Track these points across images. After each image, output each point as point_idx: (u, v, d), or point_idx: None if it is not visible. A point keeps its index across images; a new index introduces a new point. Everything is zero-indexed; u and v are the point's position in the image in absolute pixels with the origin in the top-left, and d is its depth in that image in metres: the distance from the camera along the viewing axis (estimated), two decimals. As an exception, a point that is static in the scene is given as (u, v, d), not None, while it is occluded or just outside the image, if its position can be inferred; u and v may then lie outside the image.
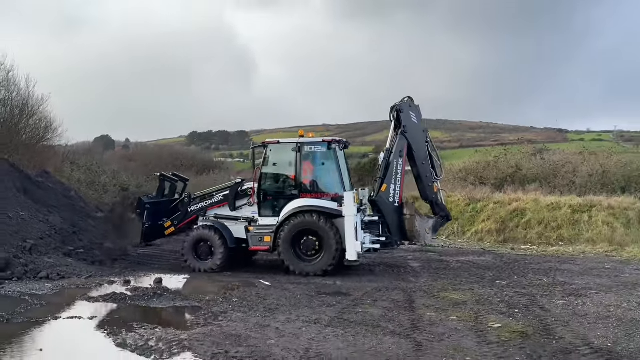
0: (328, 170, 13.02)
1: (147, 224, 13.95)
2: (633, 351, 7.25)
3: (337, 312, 9.20)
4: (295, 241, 12.54)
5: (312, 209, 12.46)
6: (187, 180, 15.74)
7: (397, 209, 13.00)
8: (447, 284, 11.79)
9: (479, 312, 9.36)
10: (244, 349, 7.15)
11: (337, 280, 12.20)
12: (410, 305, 9.89)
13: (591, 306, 9.65)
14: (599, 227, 19.31)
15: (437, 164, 13.80)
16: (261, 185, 13.12)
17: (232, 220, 13.38)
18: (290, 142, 13.10)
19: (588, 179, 24.00)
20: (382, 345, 7.48)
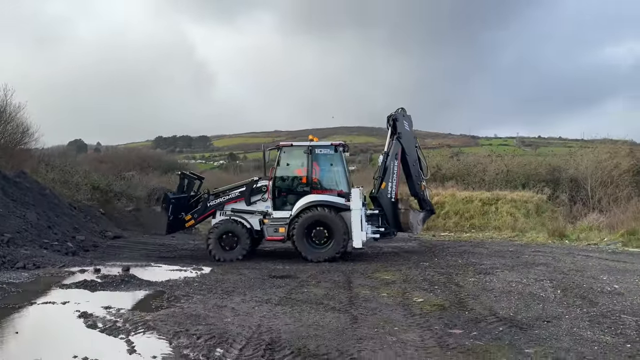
0: (335, 170, 13.06)
1: (170, 217, 13.61)
2: (530, 318, 7.50)
3: (286, 293, 9.17)
4: (307, 231, 12.49)
5: (323, 204, 12.47)
6: (203, 178, 15.49)
7: (394, 204, 13.08)
8: (379, 266, 11.89)
9: (405, 289, 9.48)
10: (203, 327, 7.02)
11: (286, 265, 12.17)
12: (349, 284, 9.93)
13: (497, 282, 9.89)
14: (504, 217, 19.96)
15: (424, 165, 13.95)
16: (275, 182, 13.05)
17: (248, 214, 13.19)
18: (302, 145, 13.12)
19: (495, 177, 24.72)
20: (324, 319, 7.48)
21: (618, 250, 14.47)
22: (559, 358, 5.88)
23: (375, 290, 9.37)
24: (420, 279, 10.32)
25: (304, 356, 5.95)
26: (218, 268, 11.76)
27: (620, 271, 10.92)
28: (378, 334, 6.79)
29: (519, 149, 64.78)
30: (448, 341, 6.48)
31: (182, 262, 12.65)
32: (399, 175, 13.24)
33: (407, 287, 9.60)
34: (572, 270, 10.98)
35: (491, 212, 20.50)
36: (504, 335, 6.72)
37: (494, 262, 12.15)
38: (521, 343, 6.42)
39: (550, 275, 10.43)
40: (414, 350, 6.18)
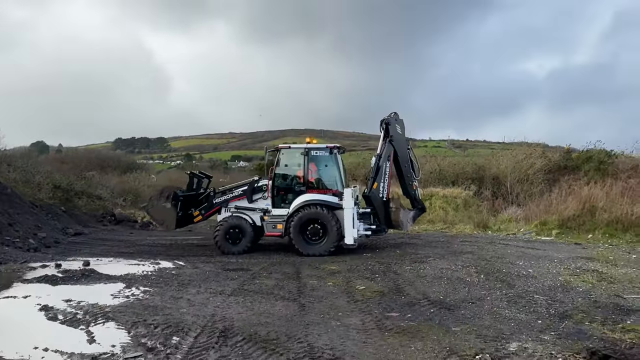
0: (330, 170, 12.85)
1: (180, 213, 13.47)
2: (457, 300, 7.75)
3: (239, 284, 9.08)
4: (303, 228, 12.29)
5: (318, 202, 12.28)
6: (211, 177, 15.30)
7: (386, 203, 12.87)
8: (326, 258, 11.91)
9: (349, 278, 9.57)
10: (160, 317, 6.88)
11: (240, 259, 12.04)
12: (298, 275, 9.94)
13: (429, 270, 10.13)
14: (436, 211, 20.44)
15: (416, 166, 13.68)
16: (275, 182, 12.87)
17: (250, 211, 13.03)
18: (299, 147, 12.91)
19: (429, 175, 25.24)
20: (274, 308, 7.47)
21: (532, 239, 15.12)
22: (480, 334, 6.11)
23: (322, 280, 9.41)
24: (363, 269, 10.44)
25: (255, 342, 5.93)
26: (175, 262, 11.51)
27: (534, 257, 11.42)
28: (324, 319, 6.85)
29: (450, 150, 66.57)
30: (386, 323, 6.61)
31: (140, 257, 12.31)
32: (390, 176, 13.06)
33: (351, 277, 9.70)
34: (493, 257, 11.40)
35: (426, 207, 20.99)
36: (435, 316, 6.92)
37: (427, 252, 12.42)
38: (449, 322, 6.64)
39: (475, 262, 10.79)
40: (356, 332, 6.27)
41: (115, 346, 5.83)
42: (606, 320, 6.66)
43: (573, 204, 16.45)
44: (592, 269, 10.04)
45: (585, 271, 9.81)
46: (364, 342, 5.92)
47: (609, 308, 7.26)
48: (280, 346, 5.78)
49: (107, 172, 32.17)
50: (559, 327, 6.39)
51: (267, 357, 5.49)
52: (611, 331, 6.22)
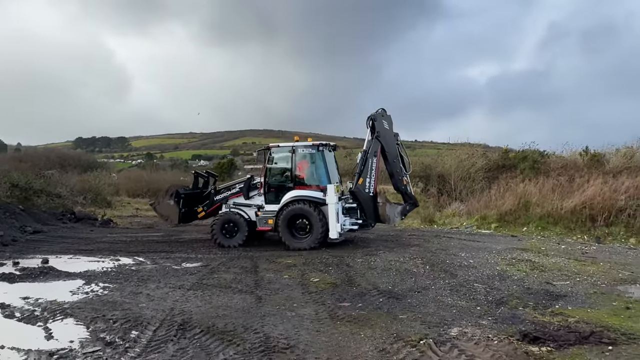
0: (317, 167, 12.66)
1: (183, 209, 13.65)
2: (405, 290, 7.92)
3: (198, 279, 8.95)
4: (291, 223, 12.20)
5: (303, 198, 12.17)
6: (217, 176, 15.26)
7: (372, 198, 12.61)
8: (283, 253, 11.86)
9: (304, 271, 9.59)
10: (119, 312, 6.70)
11: (199, 254, 11.85)
12: (255, 269, 9.87)
13: (380, 262, 10.27)
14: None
15: (406, 161, 13.40)
16: (266, 179, 12.82)
17: (247, 207, 13.07)
18: (287, 145, 12.80)
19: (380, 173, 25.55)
20: (232, 301, 7.42)
21: (473, 232, 15.62)
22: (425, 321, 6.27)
23: (278, 273, 9.40)
24: (318, 262, 10.47)
25: (213, 333, 5.87)
26: (135, 259, 11.22)
27: (474, 249, 11.80)
28: (279, 310, 6.85)
29: (400, 150, 67.57)
30: (338, 313, 6.68)
31: (100, 254, 11.92)
32: (377, 171, 12.79)
33: (306, 269, 9.72)
34: (438, 250, 11.70)
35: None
36: (383, 305, 7.04)
37: (378, 245, 12.60)
38: (397, 310, 6.78)
39: (422, 254, 11.03)
40: (310, 322, 6.31)
41: (73, 342, 5.64)
42: (537, 305, 6.97)
43: (510, 199, 17.10)
44: (526, 258, 10.47)
45: (520, 261, 10.22)
46: (317, 331, 5.97)
47: (540, 294, 7.60)
48: (237, 337, 5.75)
49: (67, 170, 30.88)
50: (496, 313, 6.64)
51: (224, 348, 5.45)
52: (541, 315, 6.52)
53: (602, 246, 12.91)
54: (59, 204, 21.48)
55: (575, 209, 15.15)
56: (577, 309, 6.78)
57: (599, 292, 7.80)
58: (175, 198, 13.80)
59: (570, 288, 8.00)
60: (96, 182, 27.21)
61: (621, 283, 8.47)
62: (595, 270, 9.40)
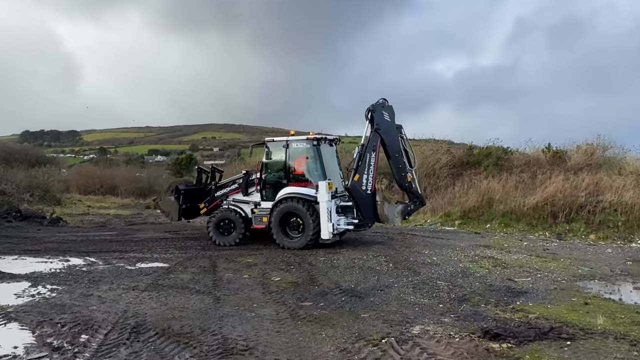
0: (312, 163, 12.31)
1: (183, 206, 13.66)
2: (367, 288, 8.01)
3: (153, 279, 8.78)
4: (284, 222, 12.00)
5: (295, 196, 11.91)
6: (222, 171, 15.05)
7: (370, 196, 12.18)
8: (244, 251, 11.81)
9: (265, 270, 9.56)
10: (68, 316, 6.49)
11: (154, 253, 11.64)
12: (214, 269, 9.78)
13: (343, 260, 10.36)
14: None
15: (411, 156, 12.97)
16: (262, 175, 12.65)
17: (245, 204, 12.94)
18: (281, 140, 12.52)
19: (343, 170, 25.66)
20: (189, 302, 7.32)
21: (437, 229, 15.95)
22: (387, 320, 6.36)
23: (238, 273, 9.34)
24: (279, 261, 10.47)
25: (168, 336, 5.78)
26: (85, 259, 10.91)
27: (438, 246, 12.06)
28: (239, 311, 6.81)
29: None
30: (299, 313, 6.70)
31: (48, 254, 11.52)
32: (376, 167, 12.38)
33: (267, 269, 9.70)
34: (402, 247, 11.89)
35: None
36: (346, 304, 7.10)
37: (341, 244, 12.61)
38: (359, 309, 6.85)
39: (385, 252, 11.19)
40: (270, 322, 6.29)
41: (17, 347, 5.44)
42: (499, 302, 7.19)
43: (474, 196, 17.53)
44: (489, 255, 10.78)
45: (482, 258, 10.51)
46: (278, 331, 5.97)
47: (502, 291, 7.84)
48: (194, 339, 5.68)
49: (13, 166, 29.64)
50: (458, 310, 6.81)
51: (180, 350, 5.37)
52: (503, 312, 6.73)
53: (563, 242, 13.42)
54: (4, 201, 20.65)
55: (537, 206, 15.68)
56: (537, 305, 7.03)
57: (559, 288, 8.12)
58: (175, 194, 13.81)
59: (531, 284, 8.29)
60: (45, 178, 26.29)
61: (580, 279, 8.85)
62: (555, 267, 9.78)
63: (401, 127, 12.90)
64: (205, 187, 14.37)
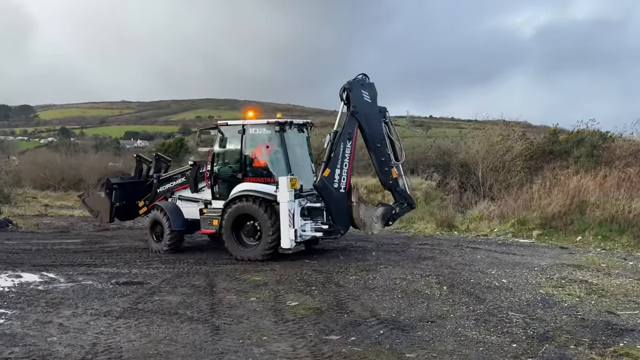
0: (273, 154, 12.63)
1: (117, 204, 14.13)
2: (413, 319, 7.94)
3: (131, 302, 8.88)
4: (237, 226, 12.36)
5: (251, 194, 12.17)
6: (169, 161, 15.62)
7: (343, 196, 12.40)
8: (249, 266, 11.87)
9: (278, 291, 9.59)
10: (20, 349, 6.60)
11: (133, 268, 11.78)
12: (211, 289, 9.86)
13: (380, 280, 10.31)
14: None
15: (397, 146, 13.18)
16: (213, 167, 12.96)
17: (193, 202, 13.33)
18: (237, 124, 12.90)
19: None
20: (179, 332, 7.36)
21: (508, 242, 15.73)
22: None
23: (242, 295, 9.38)
24: (296, 280, 10.49)
25: (151, 378, 5.82)
26: (42, 275, 11.10)
27: (509, 264, 11.89)
28: (243, 345, 6.82)
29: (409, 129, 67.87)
30: (323, 349, 6.67)
31: None
32: (352, 159, 12.67)
33: (280, 290, 9.72)
34: (459, 265, 11.77)
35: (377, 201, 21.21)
36: (385, 339, 7.05)
37: (378, 258, 12.63)
38: (402, 347, 6.79)
39: (437, 270, 11.09)
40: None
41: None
42: (595, 343, 7.03)
43: (559, 198, 17.21)
44: (580, 279, 10.58)
45: (571, 282, 10.32)
46: (295, 374, 5.96)
47: (599, 327, 7.67)
48: (185, 383, 5.71)
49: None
50: (538, 352, 6.68)
51: (166, 398, 5.40)
52: (600, 356, 6.58)
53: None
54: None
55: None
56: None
57: (677, 324, 7.91)
58: (107, 189, 14.10)
59: (639, 320, 8.10)
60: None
61: None
62: (672, 295, 9.53)
63: (385, 110, 13.19)
64: (146, 180, 14.73)
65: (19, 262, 12.51)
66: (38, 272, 11.31)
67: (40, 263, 12.42)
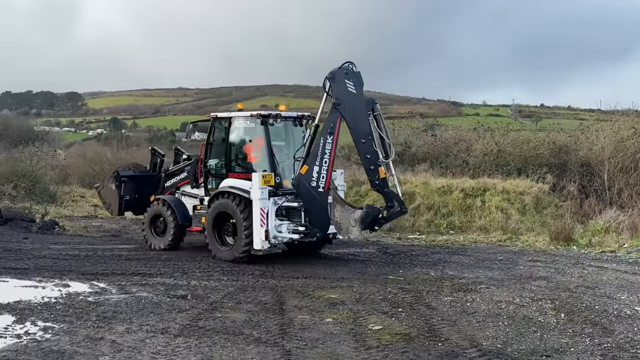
0: (257, 148, 13.48)
1: (127, 197, 15.52)
2: (524, 352, 7.75)
3: (191, 319, 9.08)
4: (219, 224, 13.41)
5: (231, 191, 13.13)
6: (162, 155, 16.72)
7: (322, 196, 12.95)
8: (323, 281, 11.97)
9: (358, 312, 9.58)
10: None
11: (192, 280, 12.04)
12: (280, 307, 9.95)
13: (481, 302, 10.16)
14: (492, 213, 20.37)
15: (387, 142, 13.72)
16: (205, 162, 14.12)
17: (193, 198, 14.59)
18: (226, 116, 14.02)
19: (482, 159, 25.16)
20: (244, 356, 7.46)
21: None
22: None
23: (317, 315, 9.43)
24: (379, 299, 10.46)
25: (215, 408, 5.94)
26: (93, 284, 11.51)
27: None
28: (319, 375, 6.87)
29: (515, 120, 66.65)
30: (413, 384, 6.63)
31: (39, 275, 12.28)
32: (333, 156, 13.16)
33: (361, 310, 9.71)
34: (580, 287, 11.45)
35: (476, 207, 20.87)
36: (489, 375, 6.95)
37: (477, 275, 12.49)
38: (511, 385, 6.66)
39: (552, 294, 10.83)
40: (368, 396, 6.30)
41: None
42: None
43: None
44: None
45: None
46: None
47: None
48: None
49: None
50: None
51: None
52: None
53: None
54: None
55: None
56: None
57: None
58: (116, 182, 15.42)
59: None
60: (33, 164, 27.82)
61: None
62: None
63: (374, 102, 13.69)
64: (158, 173, 15.88)
65: (66, 270, 13.00)
66: (88, 281, 11.73)
67: (89, 271, 12.88)
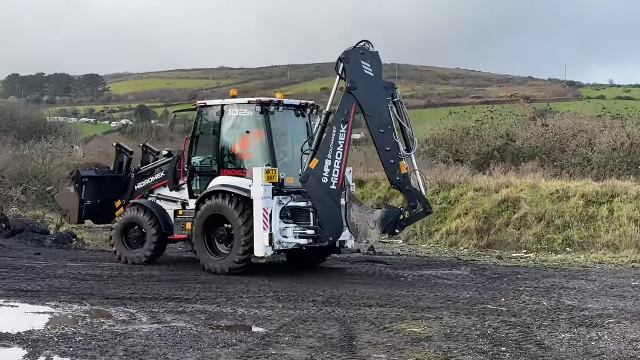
0: (255, 140, 13.96)
1: (87, 202, 15.93)
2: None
3: (240, 356, 9.11)
4: (209, 229, 13.81)
5: (223, 191, 13.48)
6: (157, 153, 17.08)
7: (334, 194, 13.30)
8: (404, 311, 11.91)
9: (449, 351, 9.47)
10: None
11: (240, 307, 12.13)
12: (350, 343, 9.90)
13: (610, 342, 9.92)
14: (623, 226, 19.96)
15: (408, 133, 14.09)
16: (189, 158, 14.53)
17: (172, 202, 14.99)
18: (217, 104, 14.44)
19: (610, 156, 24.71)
20: (307, 406, 7.53)
21: None
22: None
23: (396, 354, 9.36)
24: (475, 334, 10.37)
25: None
26: (119, 310, 11.69)
27: None
28: None
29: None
30: None
31: (55, 299, 12.54)
32: (347, 148, 13.52)
33: (453, 349, 9.61)
34: None
35: (601, 218, 20.53)
36: None
37: (605, 306, 12.28)
38: None
39: None
40: None
41: None
42: None
43: None
44: None
45: None
46: None
47: None
48: None
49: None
50: None
51: None
52: None
53: None
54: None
55: None
56: None
57: None
58: (76, 183, 15.68)
59: None
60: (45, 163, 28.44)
61: None
62: None
63: (394, 87, 14.01)
64: (127, 175, 16.04)
65: (87, 293, 13.24)
66: (113, 307, 11.93)
67: (115, 295, 13.09)
